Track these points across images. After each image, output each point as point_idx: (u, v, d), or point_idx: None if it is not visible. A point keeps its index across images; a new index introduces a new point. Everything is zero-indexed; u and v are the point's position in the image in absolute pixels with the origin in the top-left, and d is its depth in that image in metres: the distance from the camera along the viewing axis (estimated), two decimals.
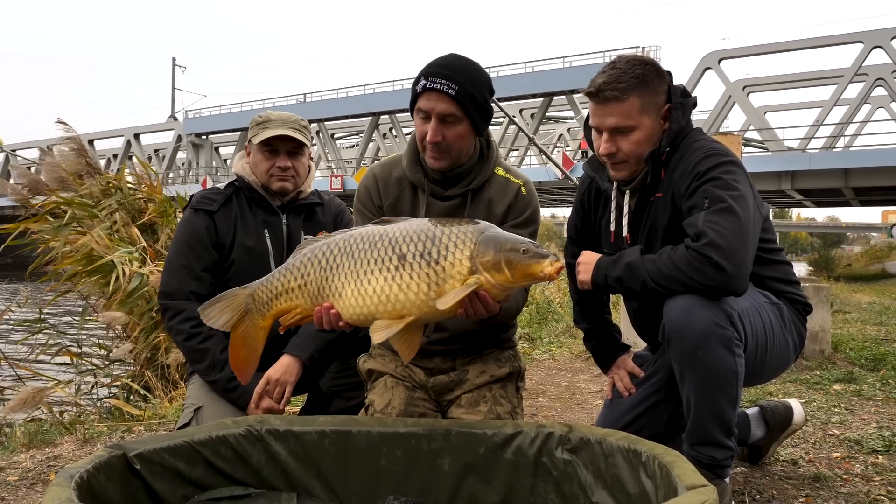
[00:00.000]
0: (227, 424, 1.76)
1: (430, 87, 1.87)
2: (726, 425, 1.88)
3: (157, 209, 5.79)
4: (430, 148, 1.93)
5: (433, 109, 1.89)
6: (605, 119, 1.97)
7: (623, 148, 1.98)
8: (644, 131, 1.97)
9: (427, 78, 1.88)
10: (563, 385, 4.30)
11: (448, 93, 1.87)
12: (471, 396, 2.03)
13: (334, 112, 32.54)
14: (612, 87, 1.93)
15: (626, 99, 1.93)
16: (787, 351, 2.05)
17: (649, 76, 1.96)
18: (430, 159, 1.97)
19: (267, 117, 2.39)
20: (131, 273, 4.80)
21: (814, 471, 2.40)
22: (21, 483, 2.54)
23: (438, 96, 1.88)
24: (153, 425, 3.39)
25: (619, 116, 1.95)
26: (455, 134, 1.92)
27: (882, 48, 22.18)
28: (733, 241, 1.76)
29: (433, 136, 1.90)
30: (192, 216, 2.38)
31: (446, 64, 1.92)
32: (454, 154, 1.96)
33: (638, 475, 1.51)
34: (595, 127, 2.02)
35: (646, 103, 1.96)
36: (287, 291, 1.74)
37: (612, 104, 1.94)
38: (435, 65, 1.92)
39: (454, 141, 1.93)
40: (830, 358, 4.62)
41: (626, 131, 1.96)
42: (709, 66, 25.16)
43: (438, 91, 1.87)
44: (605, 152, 2.00)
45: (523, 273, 1.56)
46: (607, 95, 1.94)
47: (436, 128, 1.90)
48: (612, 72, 1.95)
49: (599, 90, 1.94)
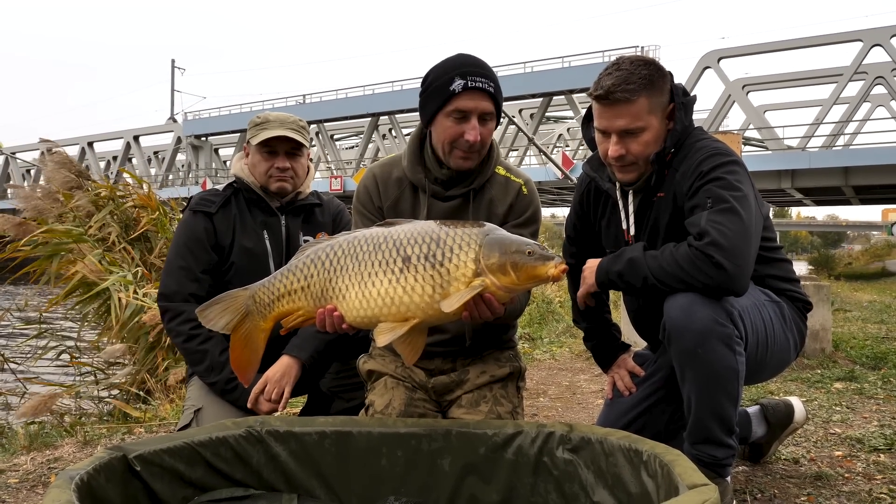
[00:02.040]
0: (226, 426, 1.75)
1: (471, 87, 1.86)
2: (727, 424, 1.88)
3: (150, 220, 5.70)
4: (466, 148, 1.91)
5: (476, 108, 1.88)
6: (614, 121, 1.94)
7: (633, 150, 1.96)
8: (652, 132, 1.95)
9: (466, 77, 1.87)
10: (563, 385, 4.29)
11: (489, 91, 1.88)
12: (471, 397, 2.03)
13: (334, 113, 32.56)
14: (621, 89, 1.90)
15: (635, 101, 1.91)
16: (787, 349, 2.05)
17: (654, 76, 1.94)
18: (461, 160, 1.94)
19: (265, 118, 2.39)
20: (126, 301, 4.76)
21: (815, 469, 2.40)
22: (21, 485, 2.53)
23: (481, 95, 1.88)
24: (153, 427, 3.39)
25: (628, 118, 1.92)
26: (489, 132, 1.94)
27: (881, 46, 22.19)
28: (735, 241, 1.76)
29: (476, 136, 1.89)
30: (190, 218, 2.38)
31: (477, 63, 1.92)
32: (483, 153, 1.97)
33: (639, 474, 1.50)
34: (603, 130, 1.98)
35: (653, 104, 1.94)
36: (290, 293, 1.73)
37: (622, 106, 1.92)
38: (467, 63, 1.90)
39: (487, 138, 1.94)
40: (831, 356, 4.62)
41: (636, 133, 1.94)
42: (708, 66, 25.16)
43: (481, 90, 1.87)
44: (614, 155, 1.97)
45: (529, 275, 1.56)
46: (617, 97, 1.91)
47: (476, 126, 1.89)
48: (618, 73, 1.92)
49: (609, 92, 1.91)
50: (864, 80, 24.20)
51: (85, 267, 4.98)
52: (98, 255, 5.24)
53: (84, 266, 4.99)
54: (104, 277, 4.94)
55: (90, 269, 4.95)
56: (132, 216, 5.76)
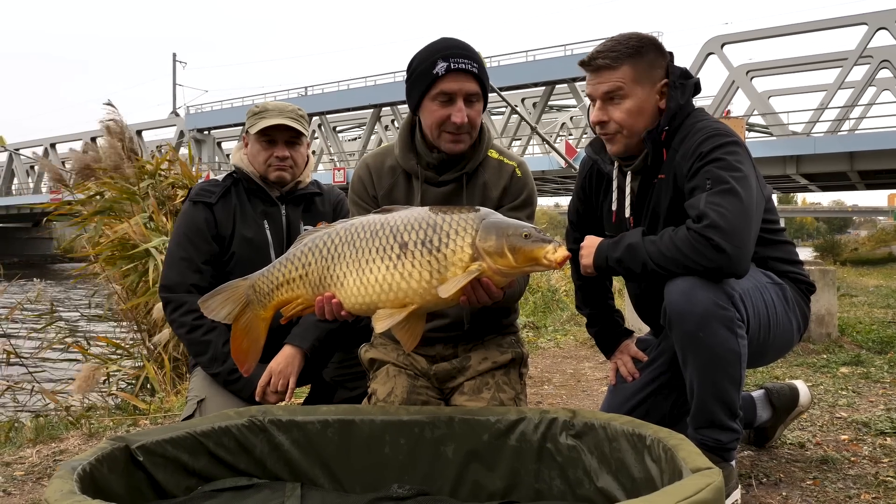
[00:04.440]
0: (229, 415, 1.75)
1: (454, 68, 1.86)
2: (730, 407, 1.87)
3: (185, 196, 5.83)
4: (454, 130, 1.91)
5: (461, 90, 1.88)
6: (597, 87, 1.99)
7: (614, 116, 1.98)
8: (635, 101, 1.96)
9: (448, 60, 1.86)
10: (568, 372, 4.29)
11: (473, 71, 1.88)
12: (474, 383, 2.02)
13: (336, 105, 32.51)
14: (603, 56, 1.96)
15: (617, 67, 1.95)
16: (790, 331, 2.04)
17: (645, 48, 1.97)
18: (451, 143, 1.94)
19: (264, 107, 2.38)
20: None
21: (821, 453, 2.39)
22: (27, 478, 2.55)
23: (465, 76, 1.88)
24: (159, 419, 3.40)
25: (610, 84, 1.96)
26: (476, 113, 1.93)
27: (887, 30, 21.98)
28: (735, 223, 1.74)
29: (461, 117, 1.88)
30: (191, 209, 2.37)
31: (459, 45, 1.91)
32: (473, 135, 1.97)
33: (643, 459, 1.50)
34: (589, 96, 2.04)
35: (639, 73, 1.96)
36: (288, 282, 1.72)
37: (604, 72, 1.96)
38: (449, 46, 1.90)
39: (476, 120, 1.94)
40: (837, 341, 4.60)
41: (617, 99, 1.97)
42: (711, 52, 24.99)
43: (465, 71, 1.87)
44: (595, 120, 2.01)
45: (526, 258, 1.55)
46: (599, 63, 1.97)
47: (462, 108, 1.89)
48: (608, 43, 1.98)
49: (592, 58, 1.98)
50: (870, 63, 24.02)
51: (130, 227, 5.08)
52: (144, 217, 5.37)
53: (129, 226, 5.10)
54: (147, 240, 5.05)
55: (134, 232, 5.04)
56: (167, 195, 5.84)
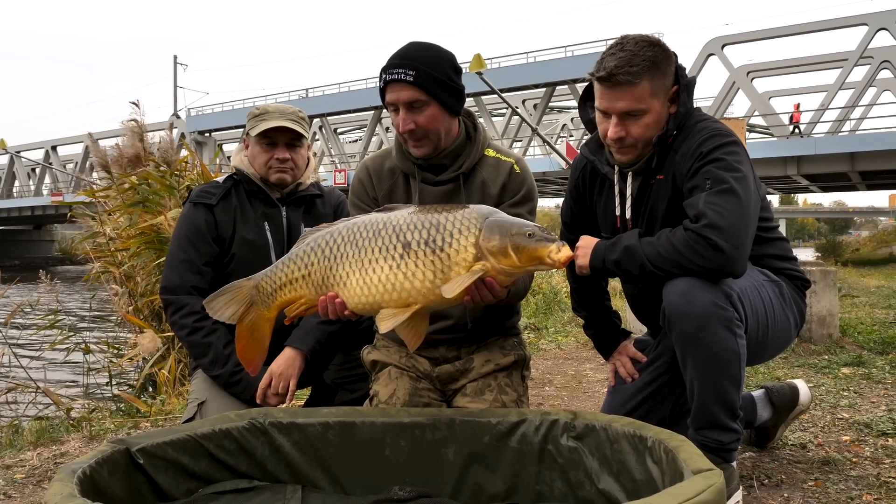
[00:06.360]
0: (230, 418, 1.75)
1: (389, 80, 1.90)
2: (730, 407, 1.86)
3: None
4: (408, 136, 1.94)
5: (398, 100, 1.90)
6: (614, 103, 1.91)
7: (633, 132, 1.93)
8: (654, 115, 1.93)
9: (386, 72, 1.91)
10: (569, 374, 4.28)
11: (406, 80, 1.88)
12: (476, 385, 2.02)
13: (336, 106, 32.54)
14: (623, 72, 1.86)
15: (637, 83, 1.87)
16: (788, 328, 2.04)
17: (659, 58, 1.90)
18: (413, 149, 1.98)
19: (264, 109, 2.38)
20: None
21: (823, 454, 2.38)
22: (28, 480, 2.54)
23: (400, 86, 1.89)
24: (159, 421, 3.40)
25: (630, 100, 1.89)
26: (426, 118, 1.92)
27: (887, 30, 22.00)
28: (733, 222, 1.74)
29: (405, 126, 1.91)
30: (191, 210, 2.37)
31: (401, 54, 1.93)
32: (433, 138, 1.96)
33: (644, 461, 1.49)
34: (603, 111, 1.96)
35: (656, 86, 1.90)
36: (291, 282, 1.72)
37: (624, 88, 1.88)
38: (392, 57, 1.94)
39: (428, 125, 1.93)
40: (839, 342, 4.60)
41: (637, 115, 1.91)
42: (712, 52, 25.02)
43: (398, 80, 1.89)
44: (613, 136, 1.94)
45: (530, 257, 1.54)
46: (619, 80, 1.87)
47: (405, 116, 1.91)
48: (621, 54, 1.88)
49: (611, 74, 1.87)
50: (870, 64, 24.02)
51: (165, 220, 5.16)
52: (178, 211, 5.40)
53: (165, 219, 5.18)
54: None
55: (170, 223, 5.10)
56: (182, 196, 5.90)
